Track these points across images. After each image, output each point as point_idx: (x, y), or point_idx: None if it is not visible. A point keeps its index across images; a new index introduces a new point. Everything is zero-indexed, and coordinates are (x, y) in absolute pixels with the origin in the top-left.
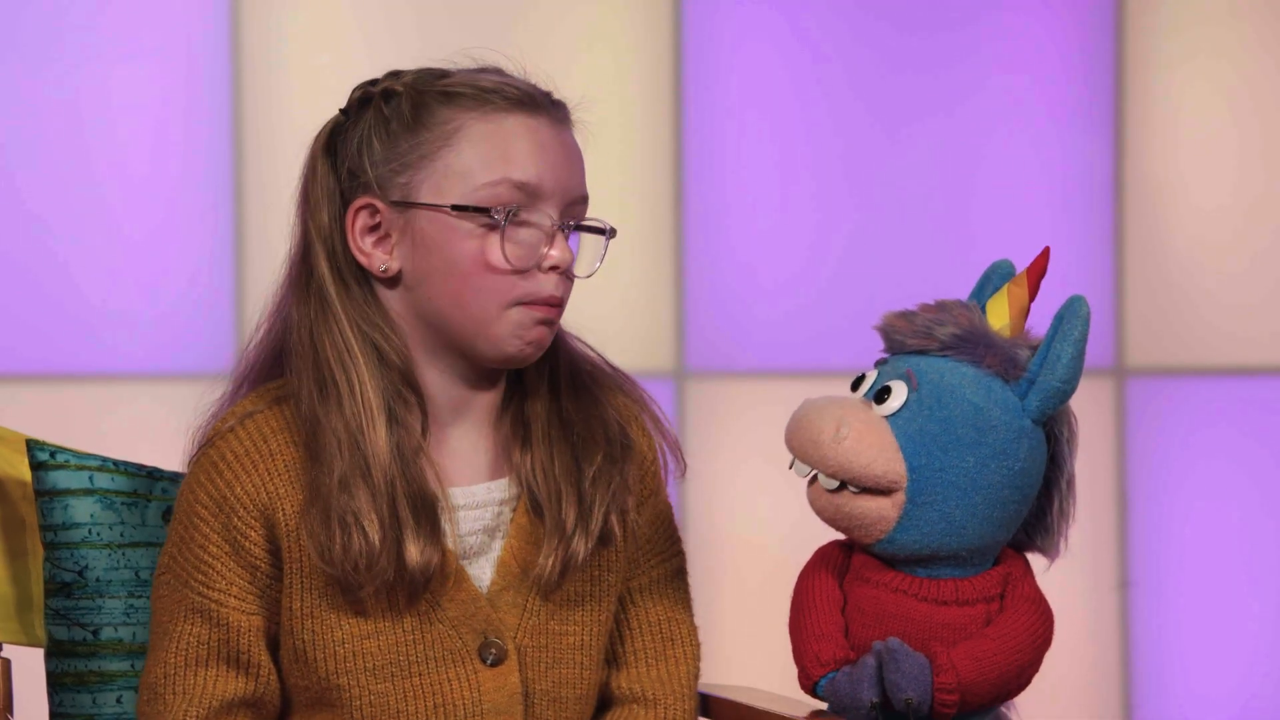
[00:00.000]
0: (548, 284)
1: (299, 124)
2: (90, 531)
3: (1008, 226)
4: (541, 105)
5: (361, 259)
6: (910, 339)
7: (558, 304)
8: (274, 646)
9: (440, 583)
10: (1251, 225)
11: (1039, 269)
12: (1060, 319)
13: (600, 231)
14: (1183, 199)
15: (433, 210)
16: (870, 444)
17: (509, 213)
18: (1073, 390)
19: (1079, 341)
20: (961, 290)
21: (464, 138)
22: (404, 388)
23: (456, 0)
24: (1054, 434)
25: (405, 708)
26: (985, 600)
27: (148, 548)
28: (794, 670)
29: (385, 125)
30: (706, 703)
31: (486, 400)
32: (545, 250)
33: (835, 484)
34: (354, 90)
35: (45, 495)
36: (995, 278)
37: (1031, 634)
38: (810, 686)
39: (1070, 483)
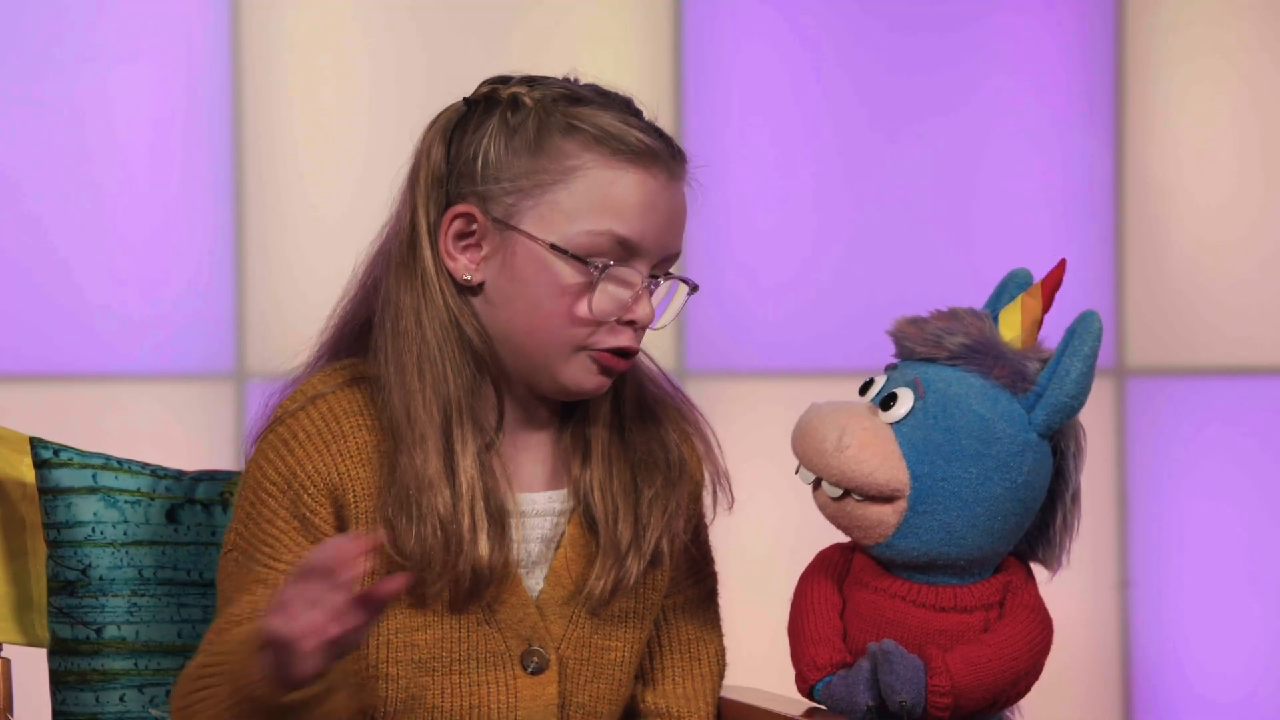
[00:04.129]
0: (622, 336)
1: (299, 124)
2: (94, 529)
3: (1008, 227)
4: (662, 159)
5: (448, 261)
6: (920, 346)
7: (627, 355)
8: None
9: (496, 586)
10: (1252, 225)
11: (1054, 281)
12: (1072, 333)
13: (689, 286)
14: (1183, 199)
15: (532, 241)
16: (873, 453)
17: (604, 267)
18: (1080, 405)
19: (1089, 357)
20: (961, 292)
21: (580, 179)
22: (486, 388)
23: (457, 0)
24: (1060, 448)
25: (441, 703)
26: (984, 608)
27: (151, 546)
28: (793, 670)
29: (507, 139)
30: None
31: (552, 410)
32: (630, 305)
33: (839, 492)
34: (482, 85)
35: (49, 493)
36: (1012, 286)
37: (1029, 642)
38: (807, 690)
39: (1075, 497)
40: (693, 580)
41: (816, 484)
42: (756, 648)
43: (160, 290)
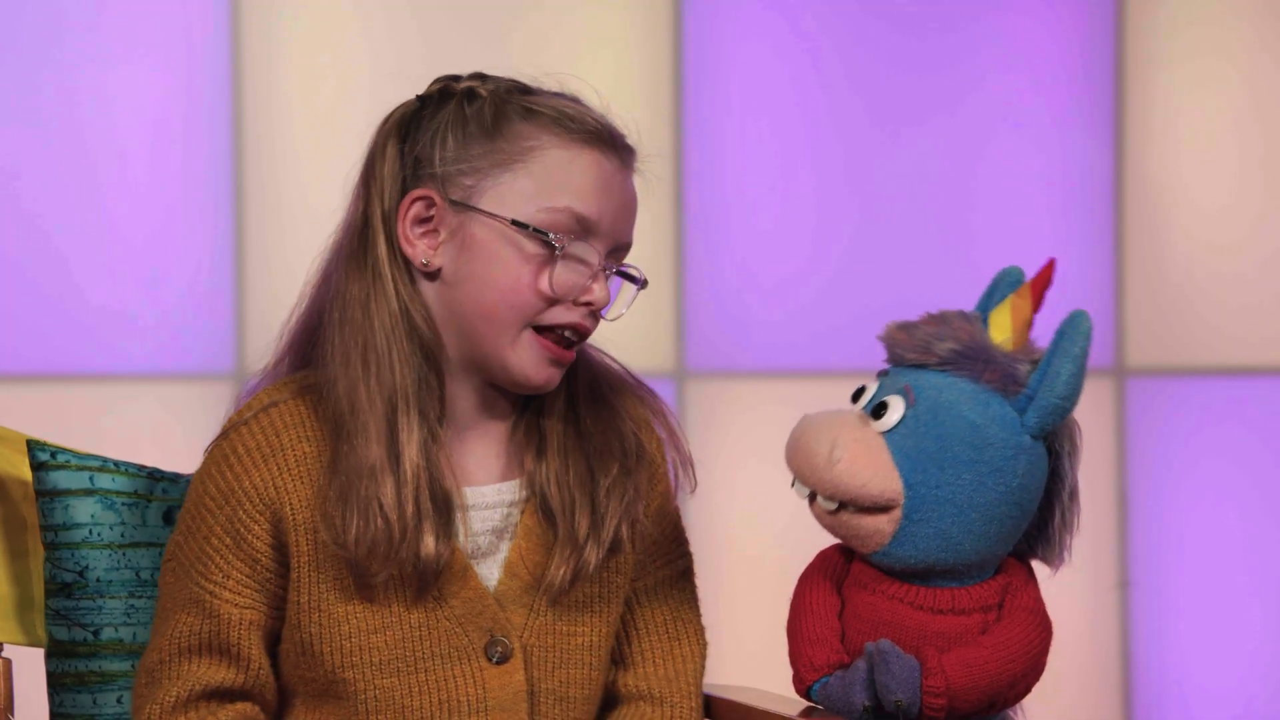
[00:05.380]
0: (574, 314)
1: (299, 124)
2: (91, 532)
3: (1007, 227)
4: (616, 146)
5: (406, 247)
6: (910, 353)
7: (574, 341)
8: (272, 640)
9: (448, 579)
10: (1252, 225)
11: (1043, 281)
12: (1061, 334)
13: (636, 281)
14: (1183, 199)
15: (491, 219)
16: (865, 465)
17: (564, 243)
18: (1072, 406)
19: (1079, 358)
20: (960, 291)
21: (538, 158)
22: (432, 378)
23: (457, 1)
24: (1055, 447)
25: (410, 702)
26: (982, 610)
27: (148, 548)
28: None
29: (463, 125)
30: (707, 703)
31: (504, 404)
32: (587, 285)
33: (834, 505)
34: (434, 82)
35: (46, 495)
36: (1004, 285)
37: (1026, 644)
38: (804, 690)
39: (1073, 494)
40: (664, 561)
41: (812, 498)
42: (755, 648)
43: (160, 290)
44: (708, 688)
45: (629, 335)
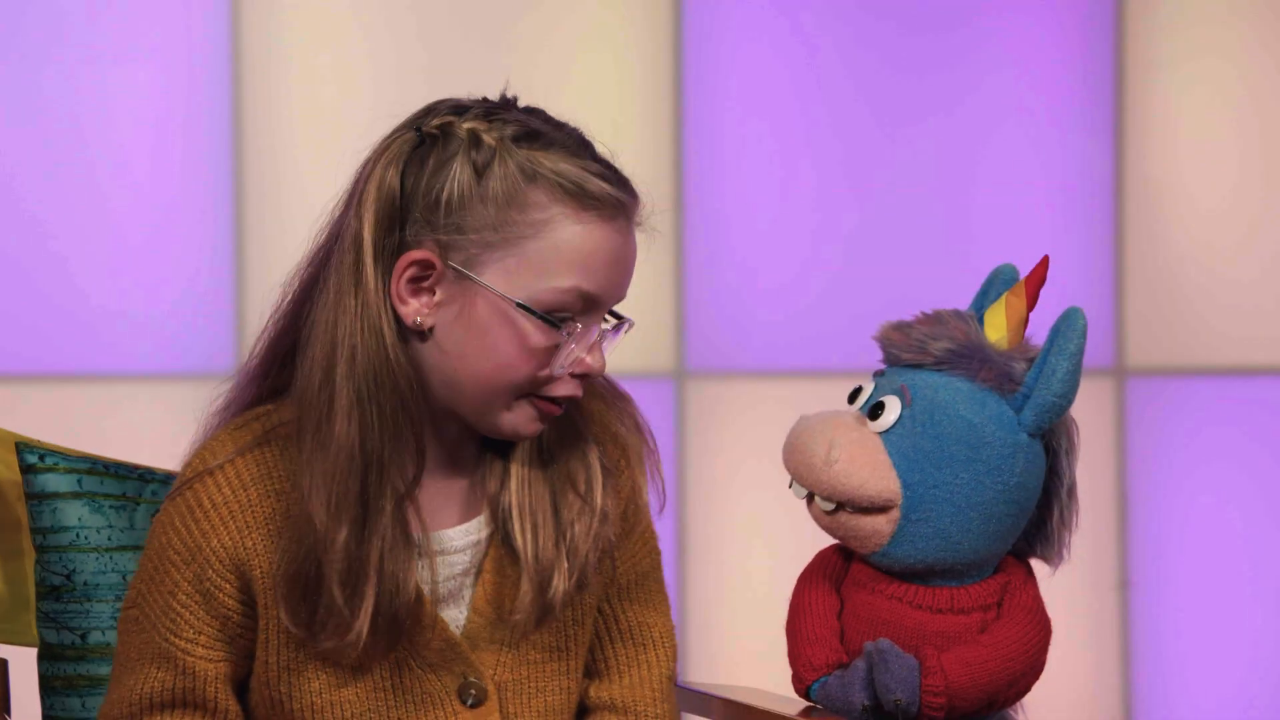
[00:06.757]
0: (567, 386)
1: (299, 124)
2: (79, 535)
3: (1008, 227)
4: (624, 208)
5: (398, 305)
6: (905, 353)
7: (566, 404)
8: (241, 688)
9: (416, 629)
10: (1252, 225)
11: (1038, 279)
12: (1056, 332)
13: (626, 325)
14: (1183, 199)
15: (493, 295)
16: (862, 465)
17: (572, 331)
18: (1069, 404)
19: (1075, 355)
20: (960, 291)
21: (548, 234)
22: (408, 431)
23: (457, 1)
24: (1052, 445)
25: None
26: (981, 609)
27: (136, 551)
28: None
29: (469, 184)
30: (707, 703)
31: (473, 448)
32: (583, 359)
33: (832, 505)
34: (433, 115)
35: (35, 498)
36: (998, 283)
37: (1025, 644)
38: (804, 690)
39: (1071, 491)
40: (630, 564)
41: (810, 498)
42: (755, 648)
43: (160, 290)
44: (707, 687)
45: (629, 335)
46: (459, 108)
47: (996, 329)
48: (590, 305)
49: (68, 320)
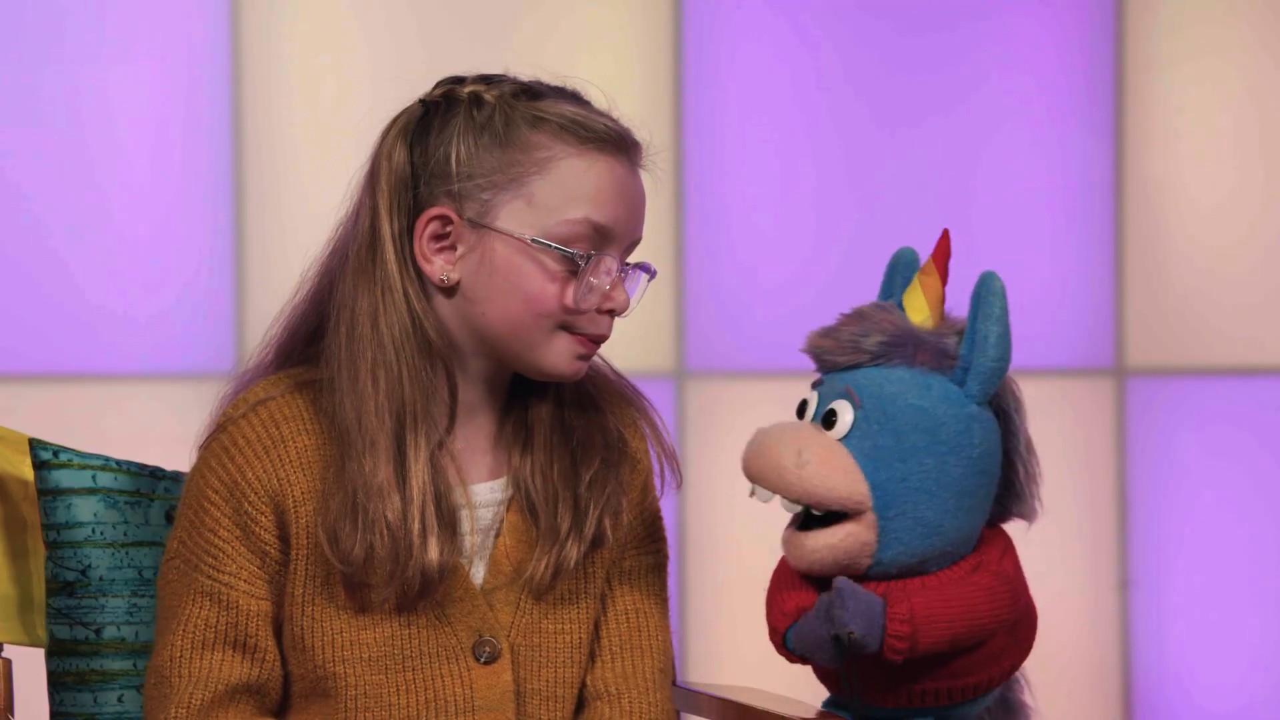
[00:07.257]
0: (601, 323)
1: (299, 124)
2: (94, 530)
3: (1007, 227)
4: (627, 147)
5: (423, 264)
6: (839, 356)
7: (601, 341)
8: (279, 633)
9: (444, 583)
10: (1252, 225)
11: (943, 253)
12: (978, 298)
13: (649, 272)
14: (1183, 199)
15: (509, 236)
16: (833, 468)
17: (587, 257)
18: (1007, 366)
19: (1001, 317)
20: (959, 292)
21: (553, 169)
22: (444, 389)
23: (457, 1)
24: (1002, 408)
25: (397, 700)
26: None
27: (151, 547)
28: (794, 671)
29: (474, 136)
30: (707, 703)
31: (495, 401)
32: (608, 294)
33: (798, 508)
34: (437, 86)
35: (48, 494)
36: (901, 267)
37: (990, 596)
38: (780, 642)
39: (1029, 446)
40: (637, 552)
41: (770, 500)
42: (755, 648)
43: (160, 290)
44: (707, 687)
45: (629, 335)
46: (459, 78)
47: (919, 311)
48: (604, 237)
49: (68, 320)
